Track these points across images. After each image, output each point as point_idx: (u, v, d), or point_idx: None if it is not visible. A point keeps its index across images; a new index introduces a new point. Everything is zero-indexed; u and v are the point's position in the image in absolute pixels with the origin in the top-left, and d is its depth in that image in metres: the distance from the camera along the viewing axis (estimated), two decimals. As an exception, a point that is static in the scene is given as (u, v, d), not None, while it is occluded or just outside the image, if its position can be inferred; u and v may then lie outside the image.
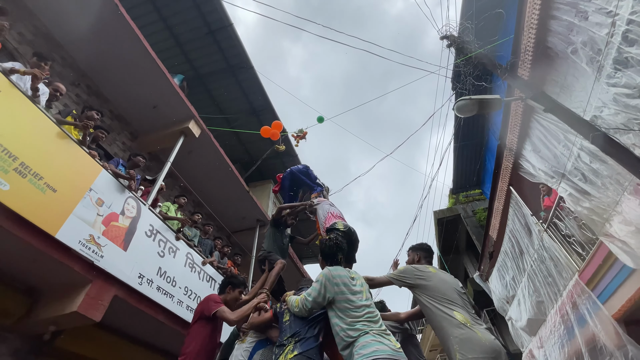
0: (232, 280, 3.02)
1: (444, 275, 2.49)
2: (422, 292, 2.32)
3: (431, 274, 2.42)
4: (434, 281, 2.34)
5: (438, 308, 2.19)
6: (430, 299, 2.25)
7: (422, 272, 2.42)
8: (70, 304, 3.14)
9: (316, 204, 3.69)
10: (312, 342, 2.09)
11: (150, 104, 5.61)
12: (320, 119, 7.65)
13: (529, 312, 6.01)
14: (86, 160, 3.51)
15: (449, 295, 2.25)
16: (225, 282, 3.01)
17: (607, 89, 3.33)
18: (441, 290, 2.28)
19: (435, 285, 2.31)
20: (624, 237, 3.52)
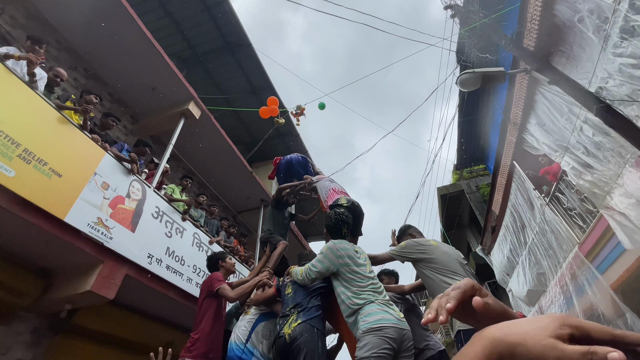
0: (217, 255, 3.27)
1: (445, 248, 2.51)
2: (425, 264, 2.34)
3: (433, 247, 2.43)
4: (436, 254, 2.36)
5: (440, 279, 2.20)
6: (432, 271, 2.27)
7: (423, 246, 2.43)
8: (83, 283, 3.28)
9: (315, 181, 3.70)
10: (314, 312, 2.19)
11: (149, 85, 5.56)
12: (322, 105, 7.52)
13: (529, 284, 6.15)
14: (89, 144, 3.55)
15: (451, 266, 2.27)
16: (213, 261, 3.23)
17: (613, 59, 3.23)
18: (443, 261, 2.30)
19: (438, 257, 2.33)
20: (624, 209, 3.54)
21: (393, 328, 1.87)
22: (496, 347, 0.38)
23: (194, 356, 2.62)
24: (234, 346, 2.61)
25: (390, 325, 1.88)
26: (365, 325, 1.90)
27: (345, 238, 2.50)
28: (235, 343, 2.62)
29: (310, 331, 2.11)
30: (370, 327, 1.85)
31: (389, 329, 1.85)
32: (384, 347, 1.78)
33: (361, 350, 1.81)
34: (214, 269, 3.18)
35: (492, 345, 0.38)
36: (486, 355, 0.38)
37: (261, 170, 10.16)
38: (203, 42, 7.83)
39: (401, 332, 1.89)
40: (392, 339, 1.82)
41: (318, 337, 2.11)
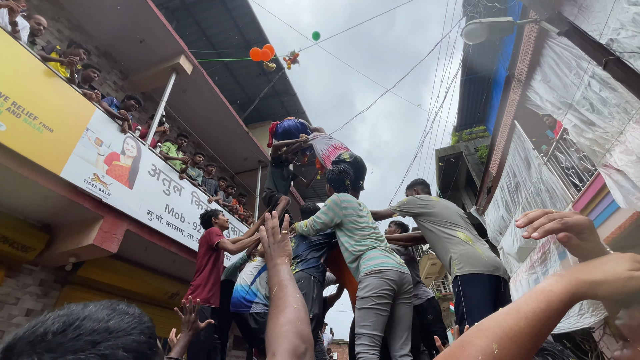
0: (209, 213, 3.36)
1: (446, 202, 2.55)
2: (426, 218, 2.38)
3: (434, 201, 2.48)
4: (437, 208, 2.40)
5: (441, 230, 2.25)
6: (433, 224, 2.31)
7: (424, 201, 2.46)
8: (85, 237, 3.34)
9: (312, 138, 3.63)
10: (312, 262, 2.27)
11: (137, 38, 5.25)
12: (316, 34, 7.08)
13: (520, 241, 6.36)
14: (78, 99, 3.42)
15: (452, 218, 2.31)
16: (206, 218, 3.32)
17: (628, 8, 3.06)
18: (444, 214, 2.34)
19: (439, 211, 2.37)
20: (623, 166, 3.54)
21: (394, 271, 1.93)
22: (581, 287, 0.46)
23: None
24: (239, 287, 2.76)
25: (391, 268, 1.95)
26: (367, 268, 1.98)
27: (348, 191, 2.53)
28: (240, 285, 2.78)
29: (307, 279, 2.20)
30: (371, 269, 1.92)
31: (390, 271, 1.92)
32: (384, 287, 1.86)
33: (362, 291, 1.89)
34: (208, 226, 3.26)
35: (577, 286, 0.46)
36: (572, 294, 0.45)
37: (258, 130, 10.00)
38: (192, -10, 7.29)
39: (401, 275, 1.96)
40: (392, 280, 1.89)
41: (314, 284, 2.21)
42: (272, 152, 3.89)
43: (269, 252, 1.03)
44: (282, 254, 1.00)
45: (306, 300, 2.07)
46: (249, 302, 2.65)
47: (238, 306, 2.69)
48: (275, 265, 0.95)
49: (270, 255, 1.02)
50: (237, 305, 2.69)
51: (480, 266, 1.99)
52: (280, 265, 0.95)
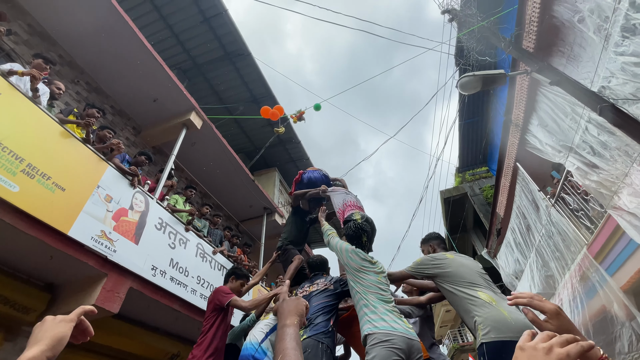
0: (237, 271, 3.21)
1: (462, 259, 2.41)
2: (444, 279, 2.24)
3: (449, 260, 2.34)
4: (453, 267, 2.26)
5: (461, 291, 2.09)
6: (451, 285, 2.17)
7: (439, 261, 2.33)
8: (87, 297, 3.25)
9: (330, 190, 3.65)
10: (321, 327, 2.16)
11: (151, 97, 5.59)
12: (317, 106, 7.55)
13: (538, 287, 6.06)
14: (92, 157, 3.55)
15: (470, 277, 2.17)
16: (229, 272, 3.23)
17: (615, 58, 3.22)
18: (461, 274, 2.19)
19: (456, 270, 2.23)
20: (633, 209, 3.48)
21: (401, 338, 1.82)
22: None
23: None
24: (249, 345, 2.60)
25: (398, 334, 1.84)
26: (371, 329, 1.89)
27: (365, 248, 2.49)
28: (250, 342, 2.62)
29: (315, 347, 2.08)
30: (378, 339, 1.82)
31: (397, 338, 1.81)
32: (392, 358, 1.74)
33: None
34: (225, 280, 3.16)
35: None
36: None
37: (263, 178, 10.17)
38: (203, 52, 7.90)
39: (410, 342, 1.85)
40: (400, 349, 1.78)
41: (322, 353, 2.07)
42: (293, 200, 3.91)
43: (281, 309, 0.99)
44: (294, 314, 0.95)
45: None
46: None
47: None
48: (284, 327, 0.90)
49: (281, 313, 0.97)
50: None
51: (508, 331, 1.78)
52: (288, 328, 0.90)
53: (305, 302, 1.05)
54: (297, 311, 0.96)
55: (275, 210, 8.06)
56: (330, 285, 2.58)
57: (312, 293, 2.54)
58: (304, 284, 2.81)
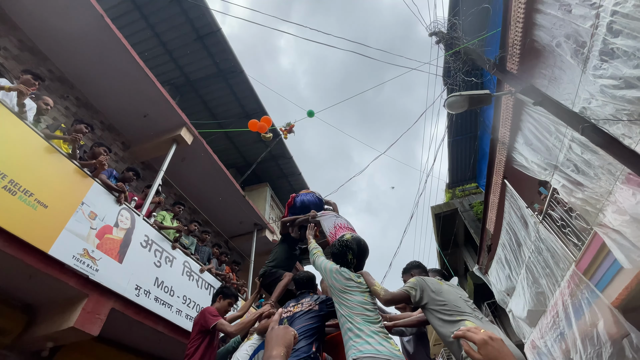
0: (224, 290, 3.16)
1: (449, 287, 2.34)
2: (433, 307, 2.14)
3: (439, 285, 2.28)
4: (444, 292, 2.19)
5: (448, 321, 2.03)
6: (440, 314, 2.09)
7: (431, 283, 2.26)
8: (67, 319, 3.11)
9: (320, 215, 3.57)
10: (302, 353, 2.09)
11: (141, 113, 5.57)
12: (310, 113, 7.60)
13: (529, 304, 6.05)
14: (77, 173, 3.49)
15: (457, 305, 2.11)
16: (217, 292, 3.17)
17: (594, 81, 3.35)
18: (450, 301, 2.13)
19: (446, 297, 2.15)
20: (618, 226, 3.54)
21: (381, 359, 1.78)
22: None
23: None
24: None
25: (383, 357, 1.79)
26: (354, 353, 1.84)
27: (351, 266, 2.46)
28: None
29: None
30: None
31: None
32: None
33: None
34: (213, 300, 3.09)
35: None
36: None
37: (254, 193, 10.10)
38: (196, 69, 7.98)
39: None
40: None
41: None
42: (281, 228, 3.72)
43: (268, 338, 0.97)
44: (281, 344, 0.93)
45: None
46: None
47: None
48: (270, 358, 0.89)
49: (268, 342, 0.95)
50: None
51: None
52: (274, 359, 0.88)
53: (293, 332, 1.02)
54: (285, 342, 0.94)
55: (266, 226, 7.97)
56: (316, 305, 2.49)
57: (296, 314, 2.45)
58: (288, 302, 2.72)
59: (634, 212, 3.30)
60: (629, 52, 3.00)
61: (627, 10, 2.93)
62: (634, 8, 2.89)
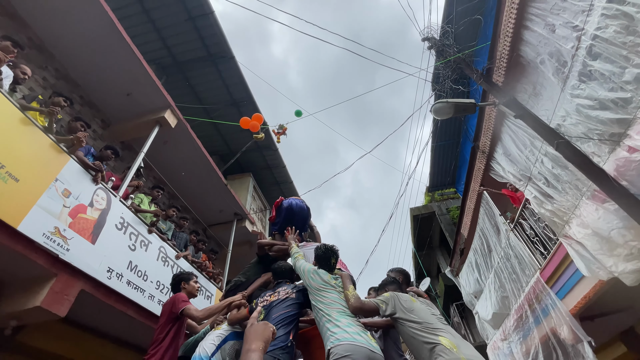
0: (180, 276, 3.14)
1: (421, 304, 2.36)
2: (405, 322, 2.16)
3: (412, 302, 2.30)
4: (416, 310, 2.21)
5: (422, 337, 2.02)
6: (413, 330, 2.10)
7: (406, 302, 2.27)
8: (33, 298, 3.01)
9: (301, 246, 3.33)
10: (279, 342, 2.11)
11: (124, 91, 5.38)
12: (298, 112, 7.63)
13: (494, 307, 6.34)
14: (52, 148, 3.35)
15: (430, 321, 2.12)
16: (177, 281, 3.10)
17: (571, 100, 3.52)
18: (423, 318, 2.14)
19: (418, 314, 2.17)
20: (581, 239, 3.77)
21: (363, 350, 1.84)
22: None
23: None
24: (198, 358, 2.47)
25: (360, 346, 1.85)
26: (332, 342, 1.90)
27: (332, 270, 2.60)
28: (199, 356, 2.48)
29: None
30: (338, 355, 1.82)
31: (357, 353, 1.82)
32: None
33: None
34: (176, 290, 3.05)
35: None
36: None
37: (236, 182, 9.99)
38: (185, 50, 7.76)
39: (372, 355, 1.86)
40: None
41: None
42: (258, 249, 3.47)
43: (247, 333, 1.00)
44: (260, 339, 0.97)
45: None
46: None
47: None
48: (248, 352, 0.92)
49: (247, 337, 0.99)
50: None
51: None
52: (253, 353, 0.91)
53: (272, 327, 1.06)
54: (264, 337, 0.99)
55: (247, 216, 7.92)
56: (292, 293, 2.51)
57: (273, 303, 2.46)
58: (265, 292, 2.72)
59: (595, 227, 3.51)
60: (606, 75, 3.18)
61: (607, 35, 3.09)
62: (614, 34, 3.05)
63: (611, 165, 3.20)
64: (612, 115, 3.12)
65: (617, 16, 2.99)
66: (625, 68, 2.99)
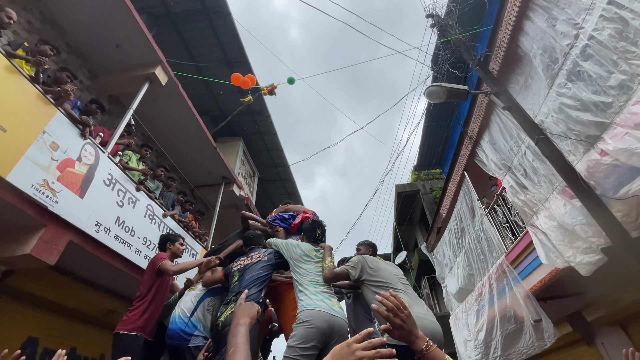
0: (168, 237, 3.33)
1: (386, 265, 2.60)
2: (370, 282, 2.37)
3: (378, 263, 2.53)
4: (381, 271, 2.43)
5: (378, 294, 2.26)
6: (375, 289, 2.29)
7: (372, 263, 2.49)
8: (23, 246, 3.11)
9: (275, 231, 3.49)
10: (252, 299, 2.30)
11: (113, 41, 5.15)
12: (291, 80, 7.49)
13: (461, 282, 6.85)
14: (39, 99, 3.28)
15: (391, 281, 2.34)
16: (163, 241, 3.30)
17: (556, 98, 3.63)
18: (384, 277, 2.37)
19: (382, 274, 2.39)
20: (546, 229, 4.07)
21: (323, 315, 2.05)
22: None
23: (130, 329, 2.67)
24: (177, 319, 2.65)
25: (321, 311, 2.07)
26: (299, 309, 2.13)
27: (319, 240, 2.82)
28: (179, 316, 2.67)
29: None
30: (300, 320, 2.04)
31: (317, 318, 2.03)
32: (310, 338, 1.97)
33: (290, 340, 2.00)
34: (162, 249, 3.21)
35: None
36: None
37: (226, 146, 9.94)
38: (178, 1, 7.33)
39: (332, 319, 2.07)
40: (319, 329, 2.00)
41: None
42: (242, 221, 3.66)
43: (236, 311, 1.17)
44: (247, 316, 1.14)
45: None
46: (188, 335, 2.56)
47: (176, 339, 2.57)
48: (237, 326, 1.08)
49: (236, 314, 1.15)
50: (175, 338, 2.57)
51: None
52: (241, 327, 1.08)
53: (257, 307, 1.23)
54: (250, 314, 1.15)
55: (235, 181, 8.00)
56: (264, 256, 2.69)
57: (247, 266, 2.63)
58: (239, 257, 2.89)
59: (561, 220, 3.79)
60: (593, 78, 3.27)
61: (602, 37, 3.15)
62: (609, 37, 3.11)
63: (583, 165, 3.39)
64: (592, 117, 3.26)
65: (614, 19, 3.03)
66: (612, 73, 3.08)
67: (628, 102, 2.93)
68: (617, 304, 4.35)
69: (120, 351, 2.48)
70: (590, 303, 4.85)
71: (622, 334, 4.66)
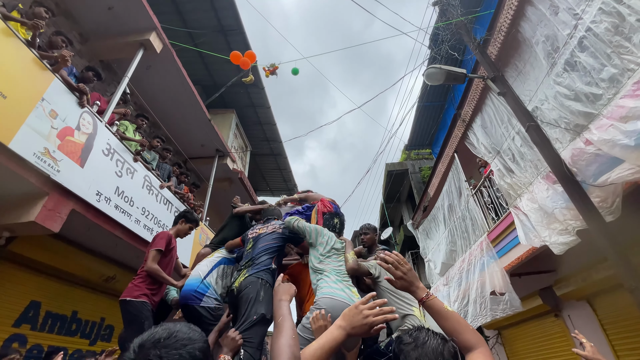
0: (187, 215, 3.34)
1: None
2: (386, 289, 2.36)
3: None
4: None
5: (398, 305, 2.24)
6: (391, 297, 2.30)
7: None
8: (26, 213, 3.14)
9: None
10: (262, 266, 2.42)
11: (105, 3, 4.92)
12: (295, 70, 7.42)
13: (443, 257, 7.27)
14: (37, 65, 3.19)
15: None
16: (180, 215, 3.34)
17: (553, 86, 3.77)
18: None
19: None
20: (528, 211, 4.35)
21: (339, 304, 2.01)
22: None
23: (136, 296, 2.74)
24: (192, 281, 2.72)
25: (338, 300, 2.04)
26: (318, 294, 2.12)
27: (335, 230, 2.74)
28: (193, 278, 2.78)
29: (254, 283, 2.32)
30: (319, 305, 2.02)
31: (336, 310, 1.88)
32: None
33: (305, 320, 2.00)
34: (175, 222, 3.27)
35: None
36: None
37: (219, 117, 9.80)
38: (171, -39, 6.93)
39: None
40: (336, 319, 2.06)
41: (261, 286, 2.31)
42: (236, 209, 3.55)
43: (276, 290, 1.38)
44: (286, 293, 1.35)
45: (254, 303, 2.24)
46: (200, 295, 2.66)
47: (188, 299, 2.69)
48: (280, 301, 1.30)
49: (277, 292, 1.36)
50: (188, 297, 2.68)
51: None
52: (283, 302, 1.29)
53: (294, 287, 1.41)
54: (290, 293, 1.36)
55: (228, 154, 8.00)
56: (279, 228, 2.80)
57: (261, 235, 2.74)
58: (256, 225, 3.02)
59: (542, 203, 4.06)
60: (587, 69, 3.41)
61: (599, 30, 3.25)
62: (605, 30, 3.22)
63: (568, 153, 3.61)
64: (582, 107, 3.43)
65: (612, 13, 3.12)
66: (605, 66, 3.22)
67: (616, 95, 3.10)
68: (586, 281, 4.76)
69: (132, 315, 2.61)
70: (560, 279, 5.28)
71: (588, 308, 5.12)
